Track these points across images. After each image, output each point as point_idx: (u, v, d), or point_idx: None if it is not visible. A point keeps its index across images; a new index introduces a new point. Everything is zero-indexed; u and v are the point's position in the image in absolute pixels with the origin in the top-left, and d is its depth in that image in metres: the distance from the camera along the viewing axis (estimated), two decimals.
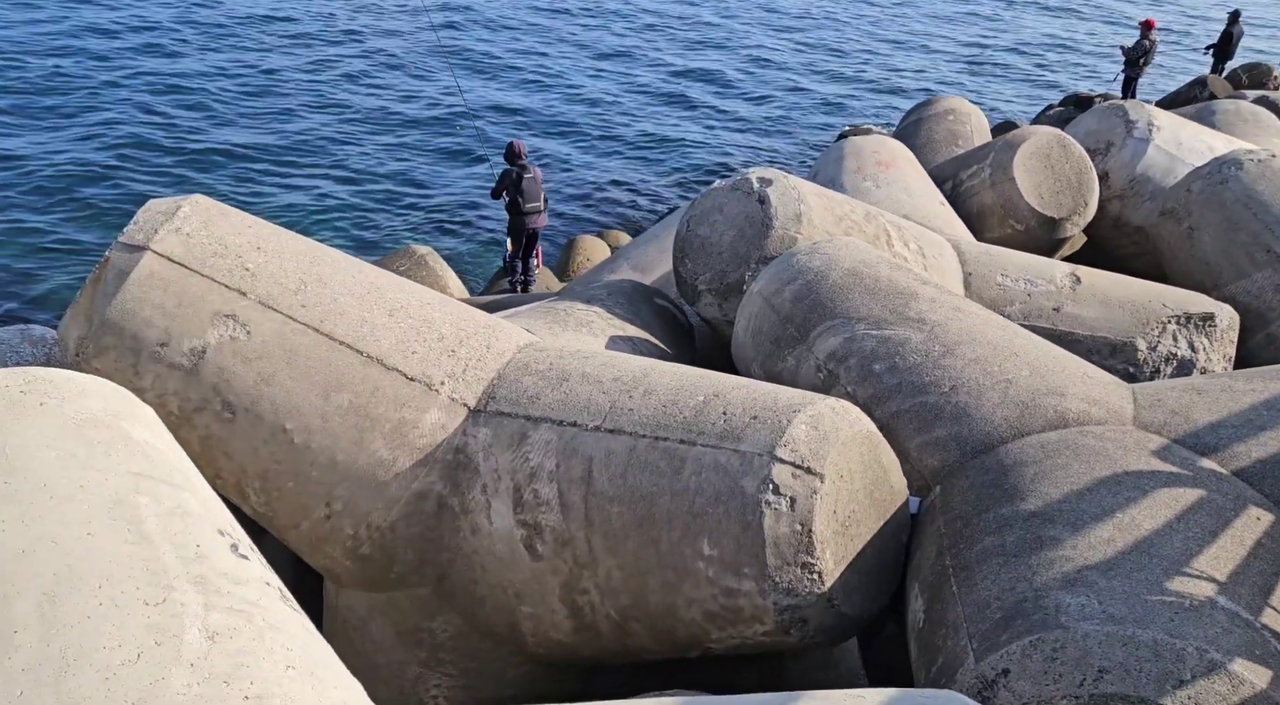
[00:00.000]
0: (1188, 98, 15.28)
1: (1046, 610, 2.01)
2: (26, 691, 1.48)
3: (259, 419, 3.07)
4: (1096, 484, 2.47)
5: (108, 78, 15.77)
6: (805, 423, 2.75)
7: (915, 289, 3.55)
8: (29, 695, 1.47)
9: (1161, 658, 1.84)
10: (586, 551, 2.98)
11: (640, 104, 17.93)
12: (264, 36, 19.10)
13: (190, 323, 2.99)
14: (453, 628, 3.39)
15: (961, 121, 7.89)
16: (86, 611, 1.62)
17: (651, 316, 4.68)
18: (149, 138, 13.83)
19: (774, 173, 4.50)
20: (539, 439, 3.10)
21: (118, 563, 1.74)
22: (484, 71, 18.70)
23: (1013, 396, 3.07)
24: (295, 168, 13.59)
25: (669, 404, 2.99)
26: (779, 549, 2.65)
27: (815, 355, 3.53)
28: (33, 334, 3.32)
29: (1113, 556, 2.14)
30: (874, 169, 5.93)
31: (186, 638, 1.65)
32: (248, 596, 1.86)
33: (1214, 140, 6.56)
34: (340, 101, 16.24)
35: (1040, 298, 4.67)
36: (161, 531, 1.88)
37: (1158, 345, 4.48)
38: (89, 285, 3.00)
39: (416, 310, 3.37)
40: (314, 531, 3.26)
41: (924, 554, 2.75)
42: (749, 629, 2.80)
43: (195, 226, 3.08)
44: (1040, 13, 30.17)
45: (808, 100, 18.98)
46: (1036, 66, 23.49)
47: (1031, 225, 6.04)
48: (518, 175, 10.04)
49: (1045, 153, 6.09)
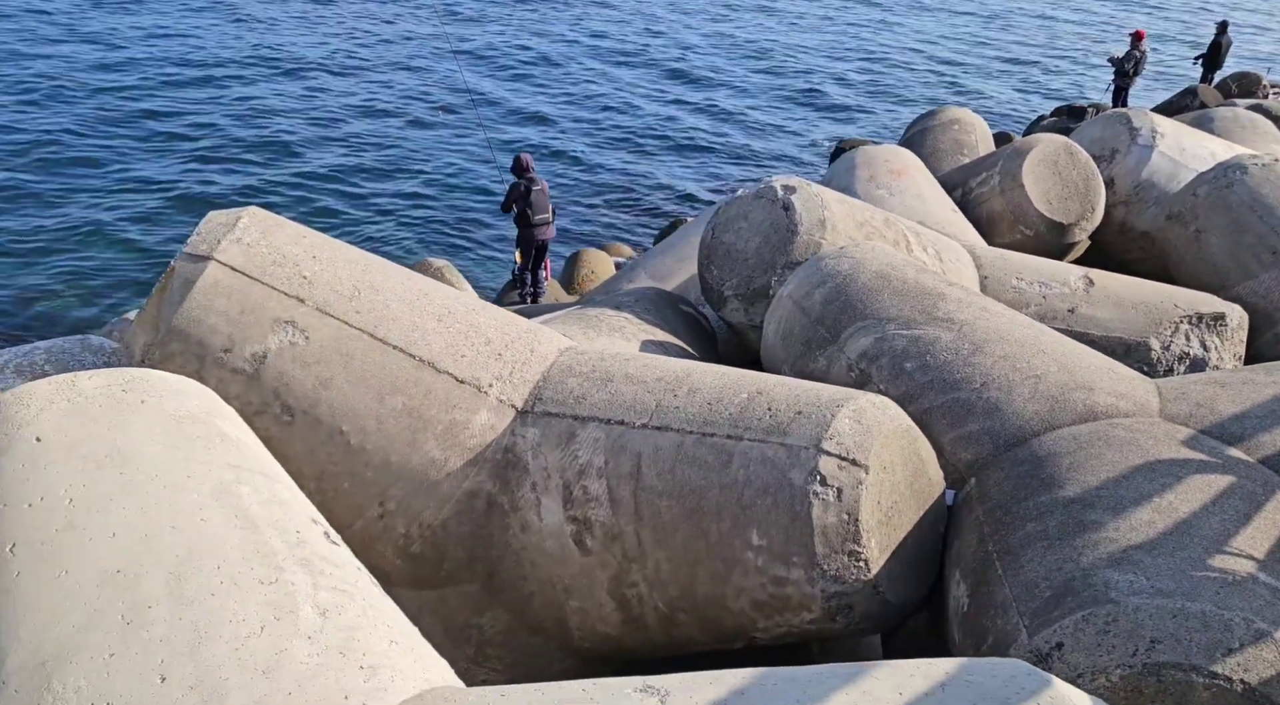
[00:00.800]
0: (1179, 107, 15.53)
1: (1096, 587, 2.13)
2: (167, 660, 1.59)
3: (317, 421, 3.18)
4: (1132, 471, 2.59)
5: (111, 93, 15.92)
6: (849, 417, 2.87)
7: (942, 290, 3.68)
8: (169, 663, 1.58)
9: (1210, 628, 1.95)
10: (635, 545, 3.09)
11: (637, 121, 18.12)
12: (269, 52, 19.29)
13: (252, 329, 3.10)
14: (501, 623, 3.48)
15: (966, 131, 8.06)
16: (210, 589, 1.73)
17: (678, 322, 4.80)
18: (158, 157, 13.97)
19: (797, 181, 4.64)
20: (587, 437, 3.21)
21: (231, 545, 1.85)
22: (490, 83, 18.88)
23: (1042, 391, 3.19)
24: (303, 183, 13.72)
25: (714, 401, 3.11)
26: (827, 538, 2.76)
27: (847, 355, 3.65)
28: (91, 343, 3.42)
29: (1154, 537, 2.26)
30: (887, 177, 6.07)
31: (302, 613, 1.75)
32: (347, 578, 1.97)
33: (1215, 146, 6.74)
34: (347, 118, 16.41)
35: (1055, 300, 4.81)
36: (265, 518, 1.99)
37: (1171, 344, 4.62)
38: (155, 294, 3.11)
39: (463, 316, 3.49)
40: (367, 530, 3.36)
41: (964, 542, 2.86)
42: (796, 617, 2.91)
43: (255, 237, 3.20)
44: (1027, 23, 30.55)
45: (794, 115, 19.19)
46: (1025, 77, 23.78)
47: (1041, 230, 6.20)
48: (526, 188, 10.18)
49: (1053, 160, 6.25)
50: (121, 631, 1.63)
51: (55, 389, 2.11)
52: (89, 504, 1.85)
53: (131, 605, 1.67)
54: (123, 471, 1.94)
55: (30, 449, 1.96)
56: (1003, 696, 1.67)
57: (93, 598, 1.68)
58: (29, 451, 1.96)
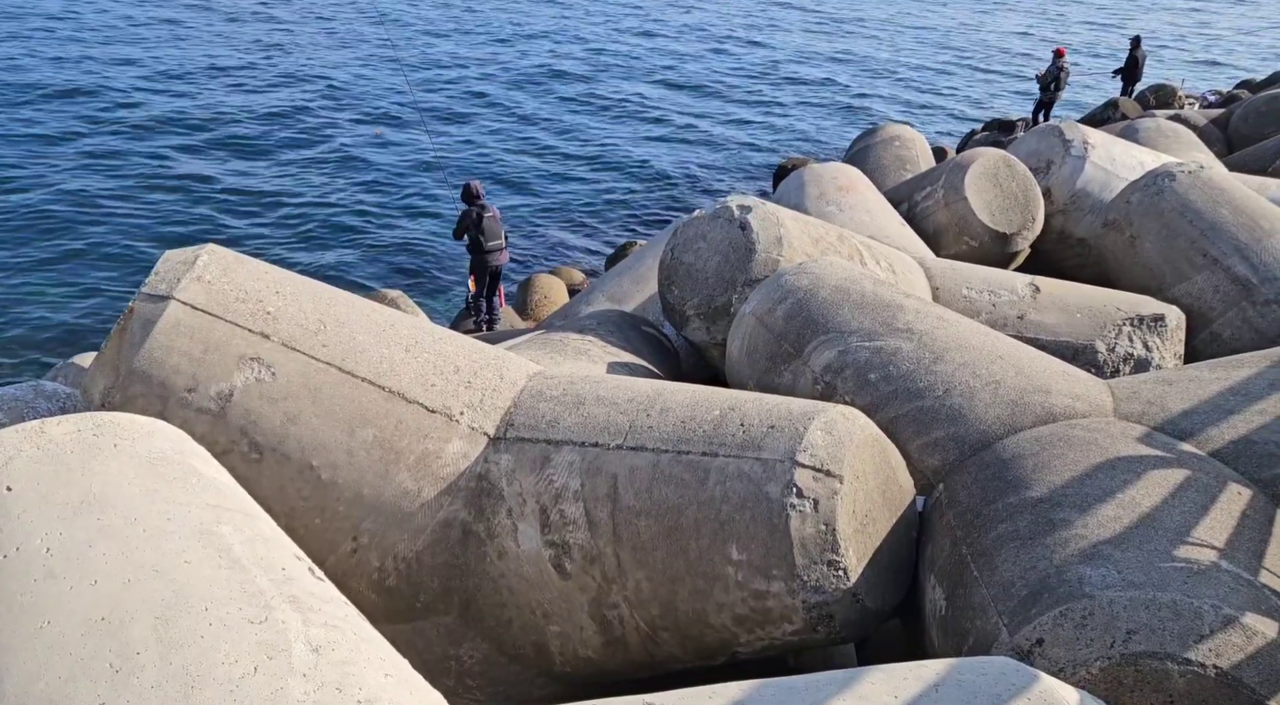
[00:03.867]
0: (1102, 119, 16.19)
1: (1070, 582, 2.20)
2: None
3: (286, 458, 3.13)
4: (1094, 470, 2.69)
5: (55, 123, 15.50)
6: (820, 429, 2.93)
7: (900, 302, 3.78)
8: None
9: (1182, 616, 2.03)
10: (615, 566, 3.10)
11: (581, 144, 18.24)
12: (219, 79, 18.98)
13: (216, 367, 3.05)
14: (479, 653, 3.45)
15: (907, 147, 8.29)
16: (199, 632, 1.70)
17: (641, 343, 4.84)
18: (108, 184, 13.64)
19: (752, 200, 4.72)
20: (562, 461, 3.22)
21: (217, 586, 1.82)
22: (439, 109, 18.85)
23: (1003, 396, 3.29)
24: (250, 214, 13.50)
25: (687, 420, 3.14)
26: (806, 549, 2.80)
27: (811, 368, 3.72)
28: (45, 389, 3.33)
29: (1121, 532, 2.35)
30: (835, 194, 6.22)
31: (294, 651, 1.73)
32: (336, 613, 1.95)
33: (1143, 155, 7.04)
34: (292, 145, 16.21)
35: (1004, 307, 4.96)
36: (249, 557, 1.96)
37: (1115, 346, 4.79)
38: (114, 336, 3.04)
39: (431, 345, 3.48)
40: (340, 566, 3.31)
41: (937, 546, 2.93)
42: (778, 629, 2.94)
43: (216, 274, 3.16)
44: (947, 38, 31.56)
45: (732, 137, 19.52)
46: (948, 93, 24.52)
47: (985, 241, 6.39)
48: (478, 214, 10.17)
49: (993, 173, 6.47)
50: (110, 680, 1.60)
51: (23, 436, 2.06)
52: (68, 552, 1.81)
53: (119, 653, 1.64)
54: (100, 517, 1.90)
55: (1, 499, 1.91)
56: (994, 694, 1.72)
57: (78, 647, 1.64)
58: (0, 502, 1.91)
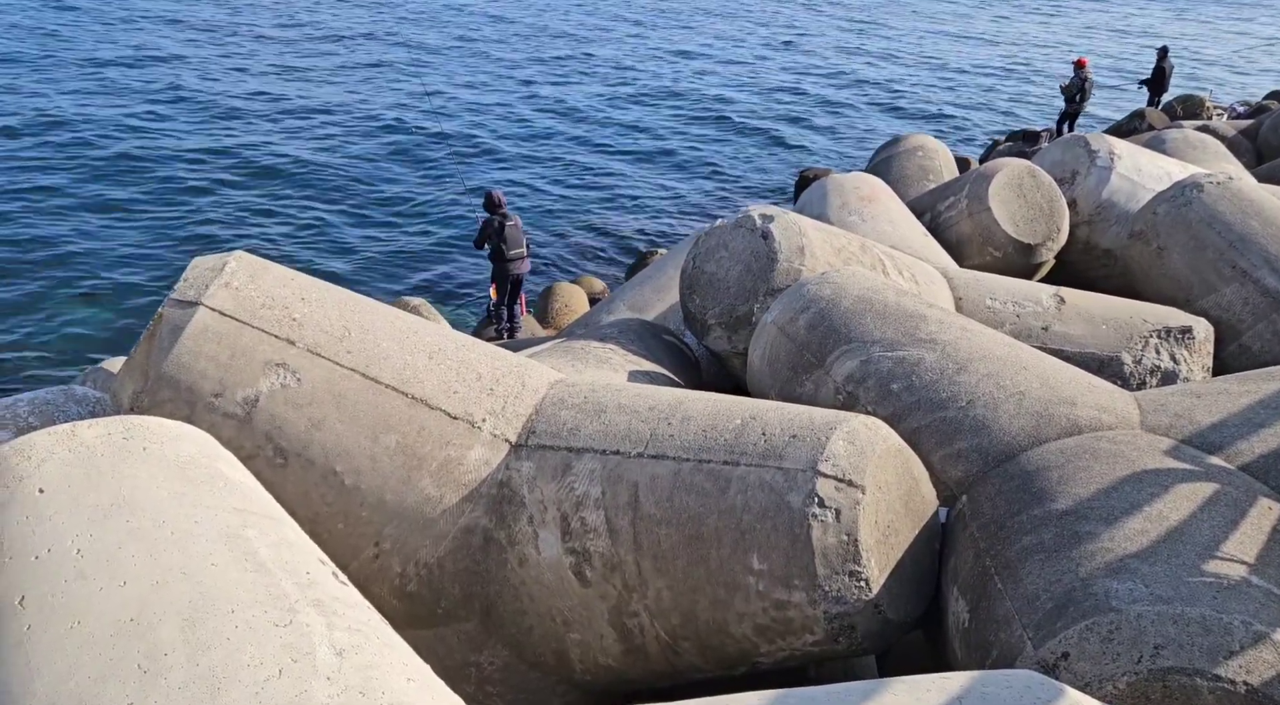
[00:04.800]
0: (1128, 130, 16.04)
1: (1097, 596, 2.18)
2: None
3: (310, 463, 3.16)
4: (1120, 482, 2.66)
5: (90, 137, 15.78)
6: (843, 438, 2.92)
7: (923, 312, 3.77)
8: None
9: (1211, 632, 2.01)
10: (635, 574, 3.10)
11: (602, 152, 18.31)
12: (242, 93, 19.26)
13: (243, 373, 3.09)
14: (500, 660, 3.46)
15: (930, 157, 8.26)
16: (225, 634, 1.72)
17: (662, 351, 4.84)
18: (138, 191, 13.87)
19: (774, 210, 4.72)
20: (583, 469, 3.22)
21: (243, 589, 1.84)
22: (458, 120, 19.01)
23: (1027, 407, 3.27)
24: (276, 221, 13.66)
25: (708, 429, 3.14)
26: (827, 559, 2.79)
27: (833, 378, 3.71)
28: (75, 393, 3.38)
29: (1149, 545, 2.32)
30: (857, 204, 6.20)
31: (319, 654, 1.75)
32: (359, 617, 1.97)
33: (1170, 166, 6.97)
34: (316, 155, 16.40)
35: (1029, 318, 4.92)
36: (274, 560, 1.98)
37: (1142, 358, 4.74)
38: (143, 341, 3.09)
39: (453, 352, 3.50)
40: (362, 572, 3.33)
41: (960, 558, 2.90)
42: (799, 640, 2.93)
43: (243, 280, 3.20)
44: (976, 48, 31.43)
45: (752, 147, 19.53)
46: (972, 103, 24.42)
47: (1009, 252, 6.35)
48: (499, 224, 10.23)
49: (1017, 183, 6.43)
50: (139, 680, 1.61)
51: (55, 440, 2.10)
52: (98, 554, 1.84)
53: (147, 654, 1.66)
54: (129, 519, 1.93)
55: (34, 501, 1.95)
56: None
57: (107, 647, 1.66)
58: (33, 504, 1.94)
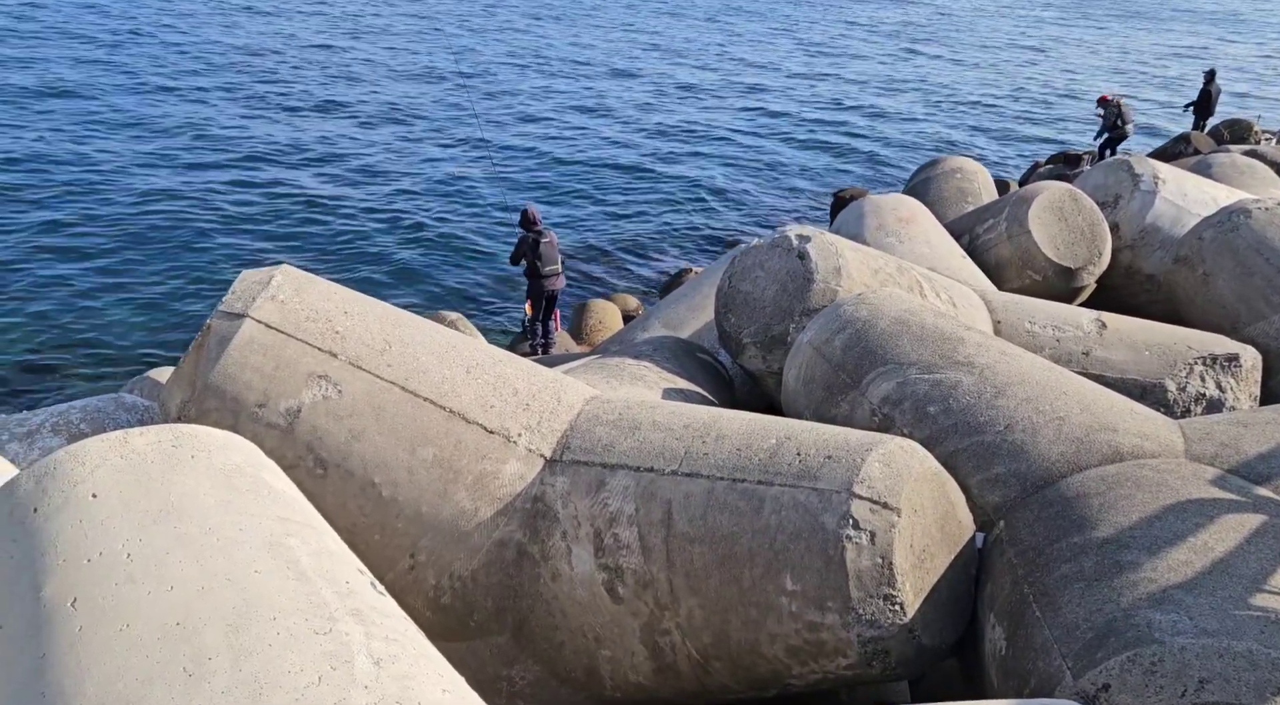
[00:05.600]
0: (1173, 154, 15.78)
1: (1139, 627, 2.14)
2: None
3: (349, 474, 3.21)
4: (1164, 511, 2.61)
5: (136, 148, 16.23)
6: (879, 460, 2.90)
7: (961, 334, 3.74)
8: None
9: (1258, 667, 1.96)
10: (668, 592, 3.09)
11: (638, 171, 18.42)
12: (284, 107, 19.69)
13: (286, 384, 3.15)
14: (531, 675, 3.47)
15: (969, 179, 8.21)
16: (267, 640, 1.75)
17: (696, 369, 4.85)
18: (188, 205, 14.23)
19: (811, 230, 4.73)
20: (617, 485, 3.24)
21: (285, 597, 1.87)
22: (500, 135, 19.26)
23: (1067, 433, 3.22)
24: (319, 235, 13.92)
25: (743, 447, 3.14)
26: (861, 582, 2.77)
27: (869, 400, 3.69)
28: (125, 401, 3.47)
29: (1193, 576, 2.28)
30: (895, 225, 6.18)
31: (357, 663, 1.77)
32: (396, 628, 1.99)
33: (1216, 191, 6.86)
34: (354, 171, 16.70)
35: (1069, 343, 4.86)
36: (316, 569, 2.02)
37: (1186, 386, 4.65)
38: (192, 352, 3.16)
39: (491, 367, 3.54)
40: (397, 583, 3.36)
41: (997, 585, 2.87)
42: (831, 663, 2.90)
43: (289, 294, 3.27)
44: (1016, 70, 31.21)
45: (789, 167, 19.53)
46: (1008, 125, 24.21)
47: (1049, 275, 6.28)
48: (535, 240, 10.32)
49: (1058, 206, 6.37)
50: (184, 684, 1.65)
51: (108, 446, 2.16)
52: (146, 558, 1.88)
53: (192, 658, 1.69)
54: (177, 525, 1.97)
55: (87, 505, 2.00)
56: None
57: (154, 650, 1.70)
58: (86, 508, 2.00)
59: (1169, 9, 52.18)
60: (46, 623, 1.77)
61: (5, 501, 2.07)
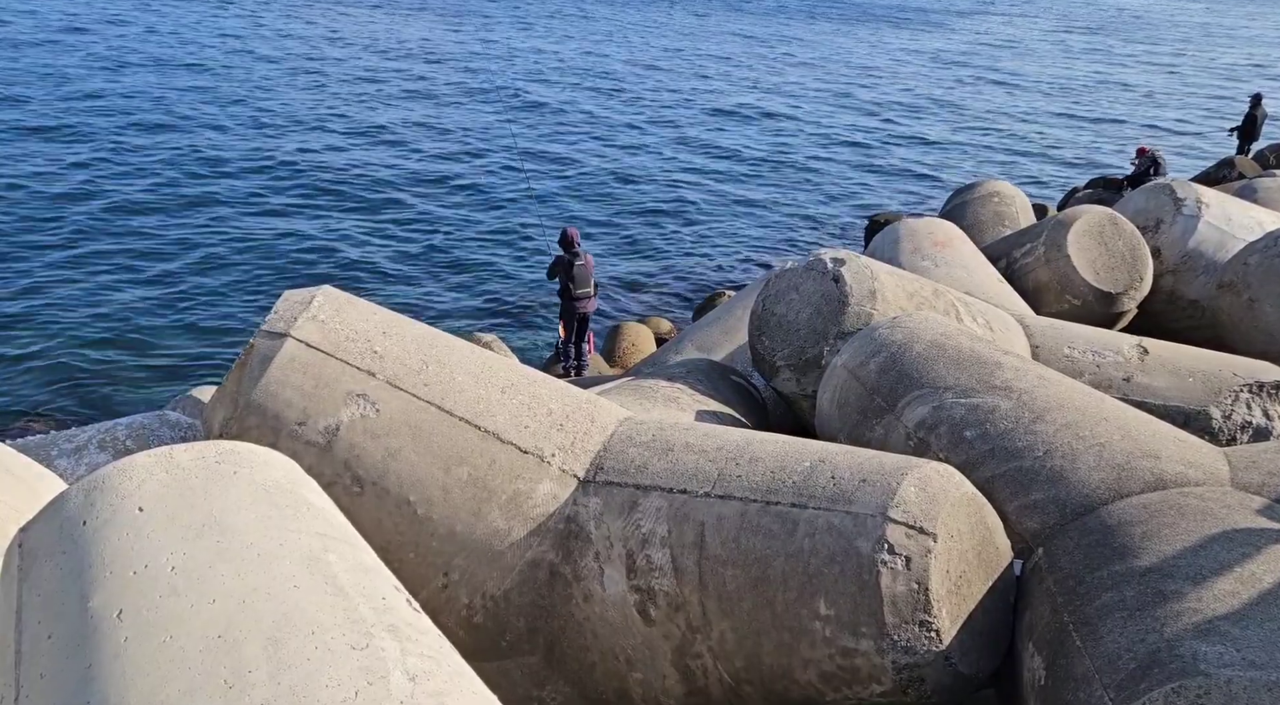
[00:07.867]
0: (1217, 178, 15.52)
1: (1184, 658, 2.09)
2: None
3: (385, 492, 3.25)
4: (1208, 541, 2.56)
5: None
6: (914, 484, 2.88)
7: (998, 359, 3.70)
8: None
9: None
10: (700, 615, 3.08)
11: (673, 193, 18.52)
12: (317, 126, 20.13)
13: (326, 402, 3.21)
14: (561, 696, 3.46)
15: (1006, 203, 8.15)
16: (305, 654, 1.78)
17: (729, 392, 4.85)
18: (231, 228, 14.56)
19: (846, 253, 4.72)
20: (650, 506, 3.24)
21: (323, 612, 1.90)
22: (540, 155, 19.52)
23: (1108, 460, 3.17)
24: (358, 257, 14.15)
25: (777, 470, 3.13)
26: (897, 607, 2.74)
27: (904, 424, 3.66)
28: (169, 418, 3.55)
29: (1240, 607, 2.22)
30: (931, 249, 6.14)
31: (392, 679, 1.79)
32: (431, 645, 2.01)
33: (1262, 215, 6.74)
34: (391, 189, 17.00)
35: (1109, 368, 4.78)
36: (353, 585, 2.04)
37: (1232, 413, 4.56)
38: (235, 370, 3.23)
39: (525, 387, 3.58)
40: (430, 602, 3.38)
41: (1036, 613, 2.82)
42: (865, 689, 2.87)
43: (329, 314, 3.34)
44: (1046, 97, 30.96)
45: (825, 190, 19.51)
46: (1052, 151, 23.99)
47: (1089, 300, 6.20)
48: (569, 262, 10.41)
49: (1098, 230, 6.29)
50: (224, 695, 1.68)
51: (154, 461, 2.21)
52: (190, 571, 1.92)
53: (233, 670, 1.72)
54: (220, 540, 2.01)
55: (134, 519, 2.05)
56: None
57: (196, 662, 1.73)
58: (132, 521, 2.04)
59: (1223, 30, 51.49)
60: (93, 633, 1.82)
61: (55, 515, 2.12)
